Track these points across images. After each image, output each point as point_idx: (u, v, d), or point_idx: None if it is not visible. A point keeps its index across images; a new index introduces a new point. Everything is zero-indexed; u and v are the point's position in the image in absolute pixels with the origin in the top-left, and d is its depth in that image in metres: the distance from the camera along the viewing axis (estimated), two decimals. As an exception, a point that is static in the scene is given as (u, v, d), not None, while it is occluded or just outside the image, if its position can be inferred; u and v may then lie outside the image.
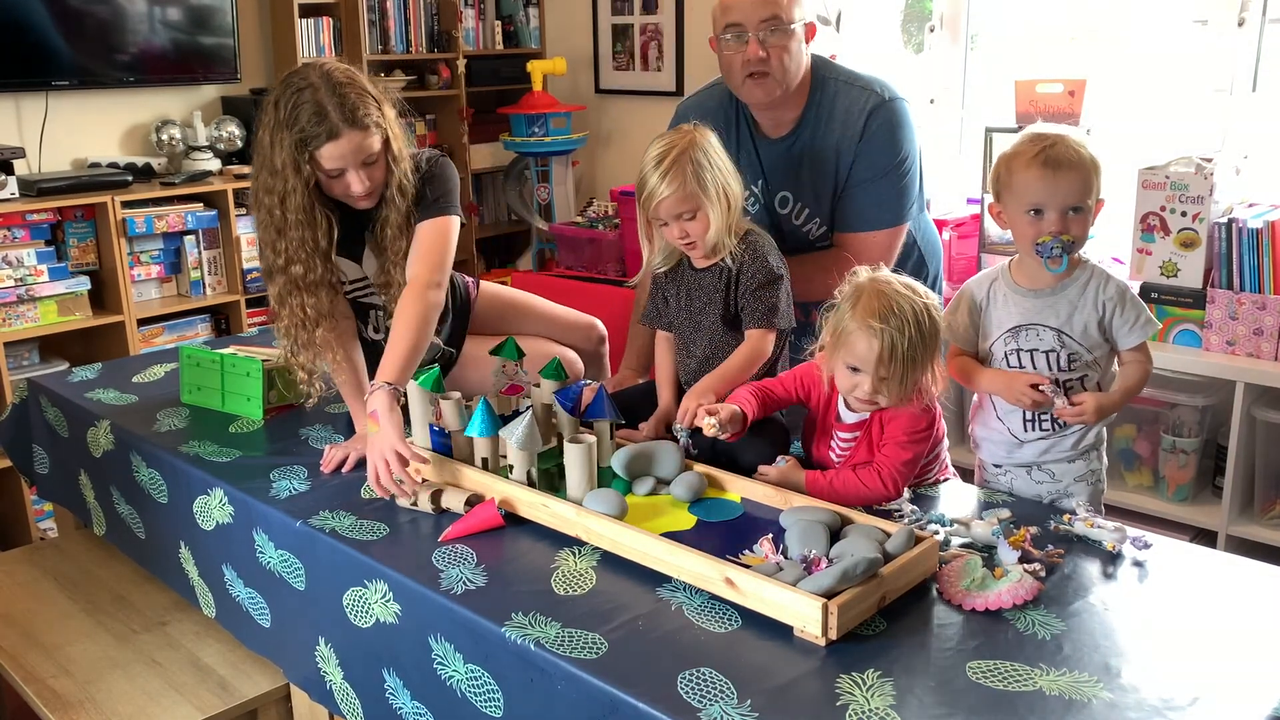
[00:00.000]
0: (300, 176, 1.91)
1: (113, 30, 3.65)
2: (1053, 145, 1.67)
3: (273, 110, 1.93)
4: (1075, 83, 3.08)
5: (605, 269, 4.10)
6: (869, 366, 1.66)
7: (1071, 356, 1.74)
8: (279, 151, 1.91)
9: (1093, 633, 1.39)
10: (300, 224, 1.94)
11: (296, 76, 1.94)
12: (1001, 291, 1.79)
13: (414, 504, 1.79)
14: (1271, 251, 2.72)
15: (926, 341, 1.66)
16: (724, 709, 1.24)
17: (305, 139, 1.89)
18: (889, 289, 1.67)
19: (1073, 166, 1.66)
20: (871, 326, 1.64)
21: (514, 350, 1.97)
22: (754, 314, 1.93)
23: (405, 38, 4.40)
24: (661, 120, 2.29)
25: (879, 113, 2.13)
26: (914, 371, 1.67)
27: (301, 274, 1.97)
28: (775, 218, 2.22)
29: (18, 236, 3.34)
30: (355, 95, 1.91)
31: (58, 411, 2.44)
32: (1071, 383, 1.75)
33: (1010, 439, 1.82)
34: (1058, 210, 1.67)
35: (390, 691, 1.63)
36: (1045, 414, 1.77)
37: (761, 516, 1.70)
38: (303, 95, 1.90)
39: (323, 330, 2.01)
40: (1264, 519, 2.83)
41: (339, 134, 1.89)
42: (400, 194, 2.01)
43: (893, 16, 3.87)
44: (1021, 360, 1.76)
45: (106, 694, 1.99)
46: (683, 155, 1.86)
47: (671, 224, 1.91)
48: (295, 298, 1.99)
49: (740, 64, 2.06)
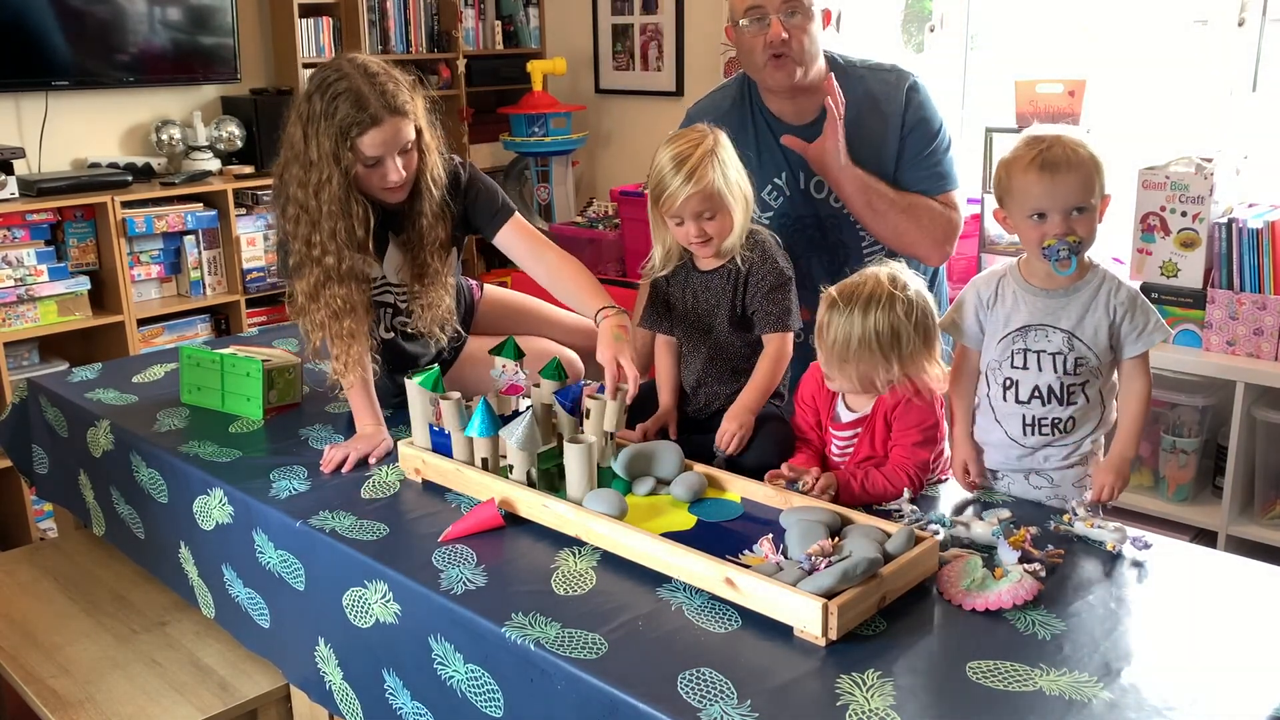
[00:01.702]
0: (339, 166, 1.93)
1: (113, 30, 3.66)
2: (1049, 147, 1.66)
3: (307, 104, 1.95)
4: (1075, 83, 3.07)
5: (605, 269, 4.11)
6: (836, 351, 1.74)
7: (1079, 360, 1.71)
8: (316, 144, 1.93)
9: (1093, 633, 1.39)
10: (334, 215, 1.96)
11: (330, 70, 1.96)
12: (1011, 289, 1.76)
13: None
14: (1271, 251, 2.72)
15: (899, 327, 1.70)
16: (724, 709, 1.24)
17: (346, 128, 1.91)
18: (867, 277, 1.74)
19: (1071, 167, 1.65)
20: (840, 308, 1.73)
21: (514, 350, 1.97)
22: (769, 318, 1.92)
23: (405, 38, 4.41)
24: (662, 120, 2.30)
25: (914, 93, 2.18)
26: (891, 356, 1.71)
27: (335, 264, 1.98)
28: (811, 204, 2.22)
29: (18, 236, 3.34)
30: (391, 84, 1.95)
31: (58, 411, 2.44)
32: (1074, 388, 1.74)
33: (1008, 442, 1.81)
34: (1060, 212, 1.65)
35: (390, 692, 1.63)
36: (1044, 421, 1.76)
37: (761, 516, 1.70)
38: (340, 86, 1.92)
39: (350, 322, 2.02)
40: (1264, 519, 2.83)
41: (381, 120, 1.92)
42: (433, 184, 2.05)
43: (893, 16, 3.87)
44: (1027, 361, 1.74)
45: (106, 694, 1.99)
46: (709, 154, 1.86)
47: (689, 223, 1.89)
48: (329, 289, 1.99)
49: (762, 46, 2.07)
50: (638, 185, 3.98)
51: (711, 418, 2.00)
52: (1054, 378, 1.73)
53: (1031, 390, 1.74)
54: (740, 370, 1.98)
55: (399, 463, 1.95)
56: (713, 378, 2.01)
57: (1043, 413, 1.75)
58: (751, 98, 2.23)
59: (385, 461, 1.99)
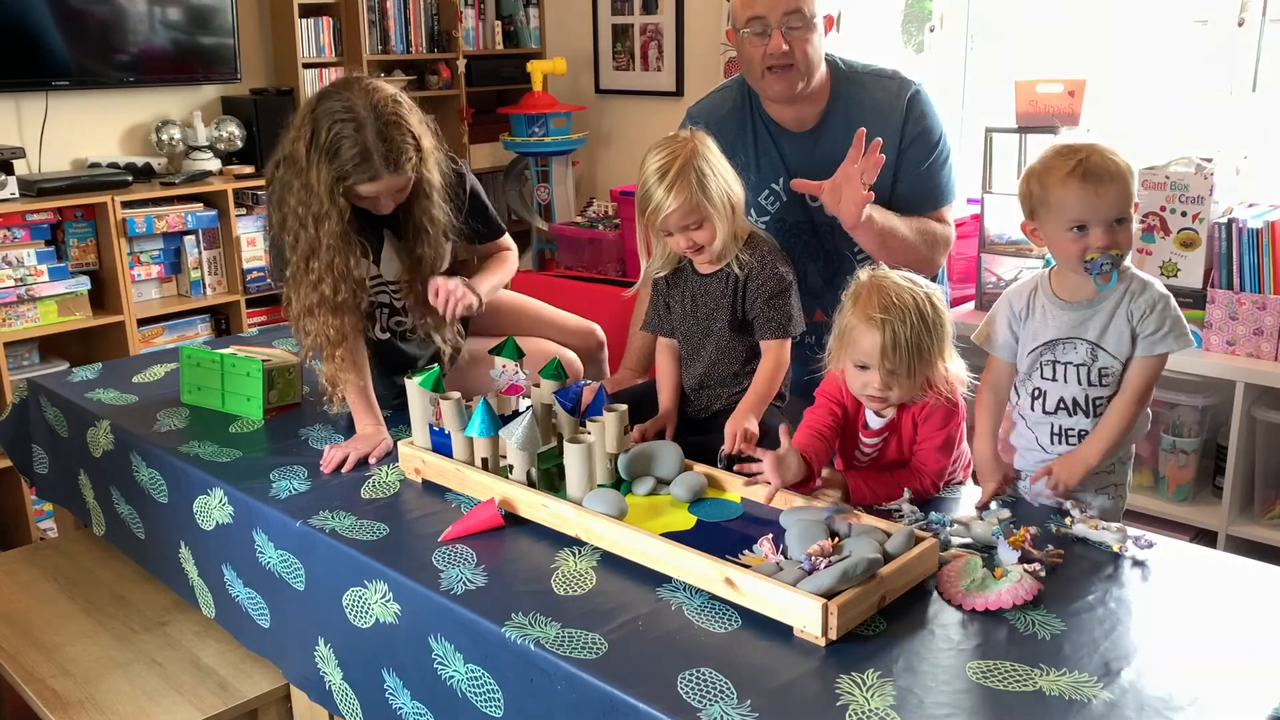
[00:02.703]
0: (336, 205, 1.95)
1: (113, 30, 3.66)
2: (1088, 157, 1.61)
3: (311, 127, 1.93)
4: (1075, 83, 3.07)
5: (605, 269, 4.11)
6: (874, 360, 1.66)
7: (1103, 371, 1.69)
8: (315, 171, 1.93)
9: (1093, 633, 1.39)
10: (333, 249, 1.97)
11: (341, 102, 1.93)
12: (1041, 303, 1.73)
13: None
14: (1271, 251, 2.72)
15: (931, 330, 1.66)
16: (724, 709, 1.24)
17: (345, 173, 1.92)
18: (887, 282, 1.68)
19: (1113, 178, 1.60)
20: (872, 318, 1.65)
21: (514, 350, 1.97)
22: (769, 323, 1.92)
23: (405, 38, 4.41)
24: (662, 120, 2.30)
25: (915, 101, 2.16)
26: (921, 362, 1.66)
27: (331, 295, 1.99)
28: (808, 210, 2.21)
29: (18, 236, 3.34)
30: (400, 138, 1.94)
31: (58, 411, 2.44)
32: (1099, 400, 1.70)
33: (1036, 448, 1.78)
34: (1102, 224, 1.61)
35: (390, 692, 1.63)
36: (1072, 431, 1.73)
37: (761, 516, 1.70)
38: (347, 129, 1.90)
39: (343, 351, 2.03)
40: (1264, 519, 2.83)
41: (379, 177, 1.94)
42: (431, 186, 2.05)
43: (893, 16, 3.87)
44: (1055, 373, 1.72)
45: (106, 694, 1.99)
46: (686, 166, 1.85)
47: (678, 235, 1.90)
48: (322, 316, 2.00)
49: (761, 57, 2.06)
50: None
51: (712, 418, 2.00)
52: (1079, 390, 1.71)
53: (1058, 402, 1.73)
54: (742, 373, 1.98)
55: (399, 463, 1.95)
56: (714, 380, 2.01)
57: (1069, 423, 1.73)
58: (751, 102, 2.23)
59: (385, 461, 1.99)
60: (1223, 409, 2.85)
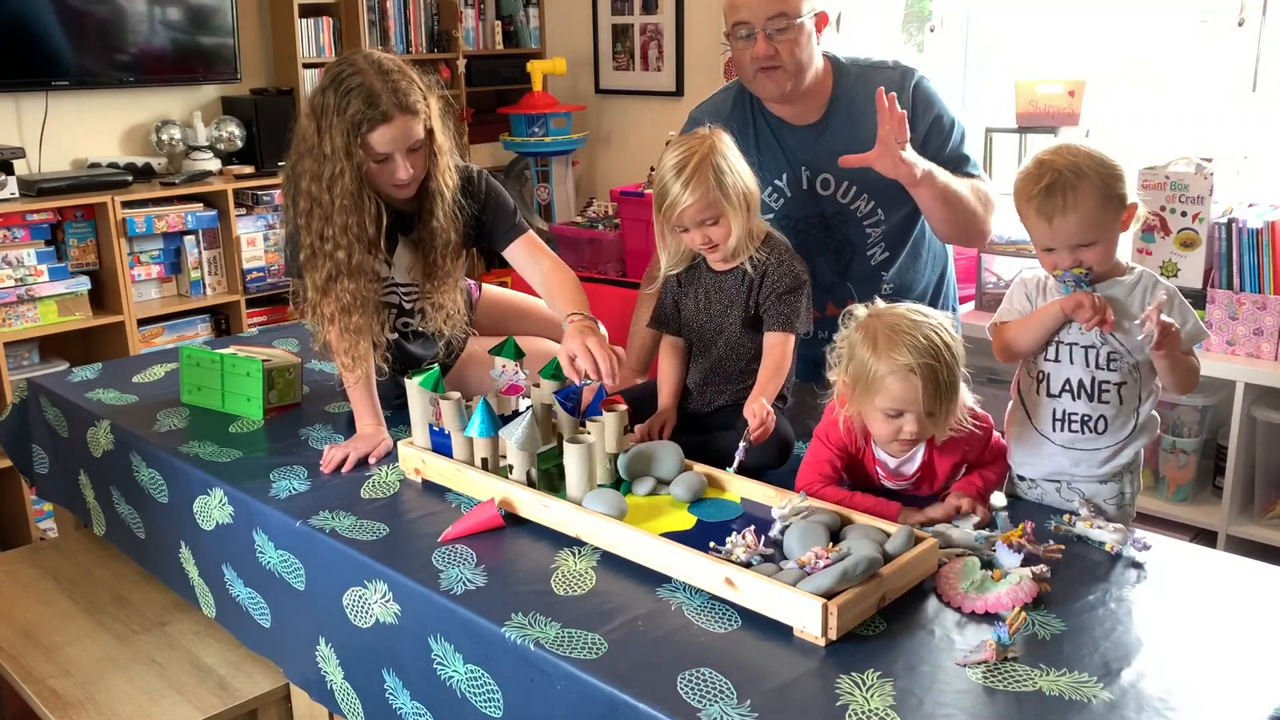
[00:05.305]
0: (352, 161, 1.94)
1: (113, 30, 3.66)
2: (1050, 185, 1.61)
3: (320, 98, 1.96)
4: (1075, 83, 3.07)
5: (605, 269, 4.10)
6: (914, 407, 1.60)
7: (1111, 355, 1.69)
8: (329, 138, 1.94)
9: (1093, 633, 1.39)
10: (346, 209, 1.96)
11: (345, 64, 1.97)
12: (1052, 283, 1.74)
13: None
14: (1271, 251, 2.72)
15: (958, 360, 1.63)
16: (724, 709, 1.24)
17: (357, 123, 1.92)
18: (902, 321, 1.63)
19: (1069, 210, 1.60)
20: (906, 365, 1.58)
21: (514, 350, 1.98)
22: (777, 317, 1.92)
23: (405, 38, 4.41)
24: (662, 120, 2.30)
25: (919, 91, 2.17)
26: (953, 398, 1.64)
27: (346, 259, 1.99)
28: (818, 202, 2.21)
29: (18, 236, 3.35)
30: (404, 81, 1.96)
31: (58, 411, 2.44)
32: (1105, 385, 1.71)
33: (1038, 437, 1.77)
34: (1065, 249, 1.64)
35: (390, 692, 1.63)
36: (1074, 414, 1.73)
37: (761, 517, 1.70)
38: (353, 81, 1.93)
39: (359, 317, 2.02)
40: (1264, 519, 2.83)
41: (391, 117, 1.93)
42: (445, 186, 2.06)
43: (893, 16, 3.87)
44: (1060, 353, 1.72)
45: (106, 694, 1.99)
46: (704, 161, 1.86)
47: (694, 230, 1.90)
48: (339, 283, 2.00)
49: (749, 60, 2.07)
50: (638, 185, 3.98)
51: (713, 414, 2.00)
52: (1084, 371, 1.70)
53: (1062, 384, 1.72)
54: (746, 370, 1.98)
55: (399, 463, 1.95)
56: (719, 377, 2.01)
57: (1072, 407, 1.72)
58: (752, 100, 2.23)
59: (385, 461, 2.00)
60: (1223, 409, 2.85)
